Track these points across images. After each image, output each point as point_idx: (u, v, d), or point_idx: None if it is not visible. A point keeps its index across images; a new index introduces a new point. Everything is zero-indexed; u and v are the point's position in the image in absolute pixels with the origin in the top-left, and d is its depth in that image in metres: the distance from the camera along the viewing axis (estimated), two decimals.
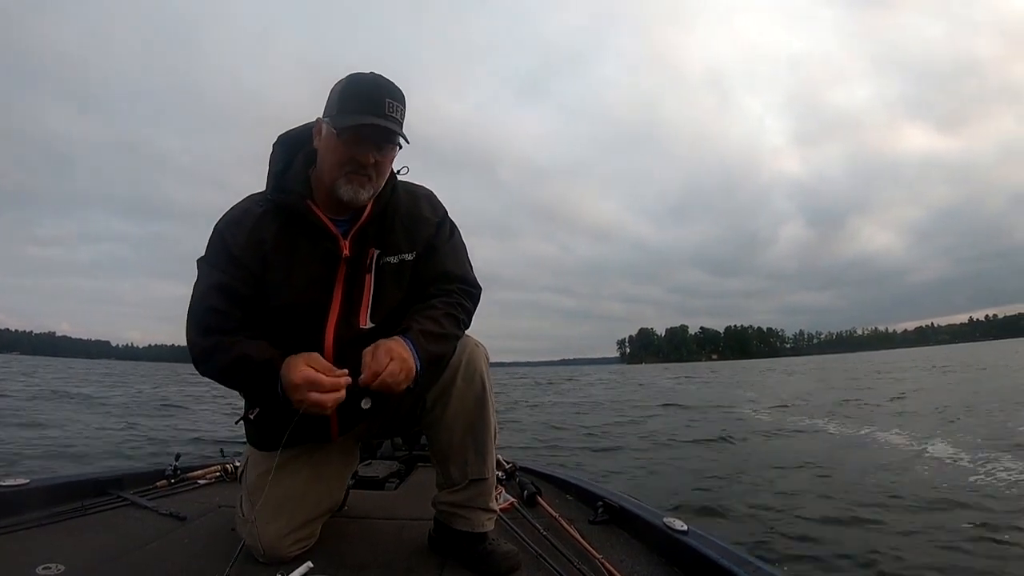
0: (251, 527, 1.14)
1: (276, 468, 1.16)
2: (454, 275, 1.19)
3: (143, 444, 5.60)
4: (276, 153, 1.15)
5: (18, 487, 1.42)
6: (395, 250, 1.14)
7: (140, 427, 6.91)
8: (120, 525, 1.37)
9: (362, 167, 1.05)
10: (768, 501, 3.29)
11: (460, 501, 1.18)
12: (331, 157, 1.07)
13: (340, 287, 1.10)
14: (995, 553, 2.35)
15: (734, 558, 1.07)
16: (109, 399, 11.60)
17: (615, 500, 1.51)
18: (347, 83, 1.06)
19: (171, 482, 1.74)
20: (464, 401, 1.15)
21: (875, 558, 2.32)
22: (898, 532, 2.65)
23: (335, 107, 1.05)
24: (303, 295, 1.09)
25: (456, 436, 1.17)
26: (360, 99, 1.03)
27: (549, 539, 1.30)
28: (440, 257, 1.18)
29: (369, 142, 1.04)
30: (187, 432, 6.53)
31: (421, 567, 1.16)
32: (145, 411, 9.34)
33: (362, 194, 1.07)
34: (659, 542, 1.26)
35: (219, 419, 7.87)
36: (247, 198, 1.17)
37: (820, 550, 2.44)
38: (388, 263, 1.14)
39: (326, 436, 1.19)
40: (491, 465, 1.20)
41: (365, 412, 1.14)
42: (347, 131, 1.03)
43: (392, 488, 1.85)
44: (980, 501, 3.12)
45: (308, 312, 1.09)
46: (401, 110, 1.05)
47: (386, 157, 1.08)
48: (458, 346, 1.16)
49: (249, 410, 1.18)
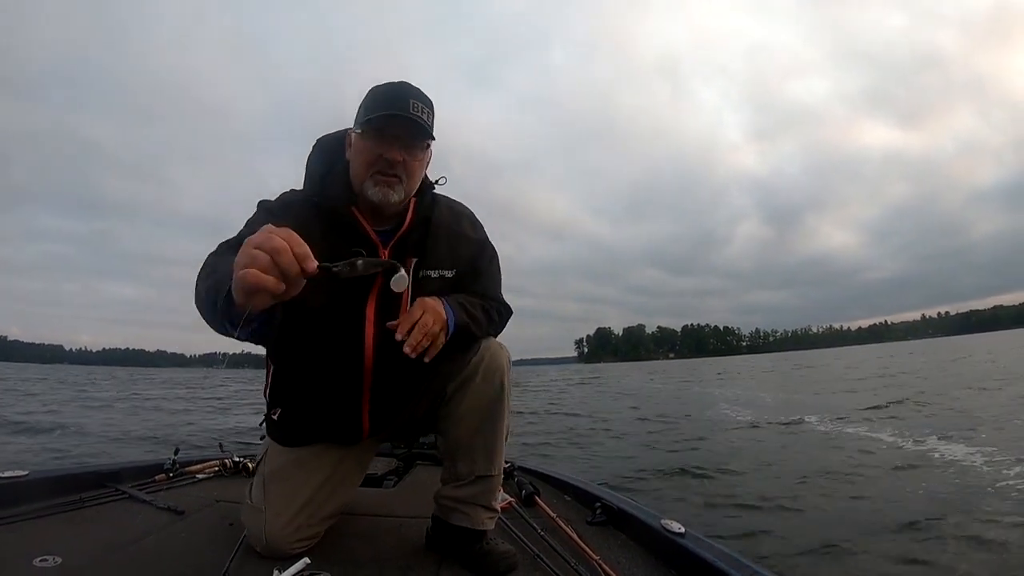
0: (259, 516, 1.15)
1: (295, 463, 1.19)
2: (492, 298, 1.23)
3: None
4: (314, 156, 1.15)
5: (17, 479, 1.42)
6: (435, 264, 1.14)
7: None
8: (118, 518, 1.37)
9: (389, 166, 1.03)
10: (767, 502, 3.30)
11: (463, 496, 1.18)
12: (359, 159, 1.06)
13: (375, 295, 1.10)
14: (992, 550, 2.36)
15: (731, 560, 1.07)
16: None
17: (613, 501, 1.51)
18: (371, 91, 1.06)
19: (170, 476, 1.74)
20: (481, 397, 1.16)
21: (876, 558, 2.32)
22: (900, 531, 2.65)
23: (362, 114, 1.05)
24: (341, 301, 1.08)
25: (468, 431, 1.17)
26: (384, 99, 1.03)
27: (547, 539, 1.30)
28: (483, 280, 1.22)
29: (393, 138, 1.03)
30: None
31: (418, 565, 1.16)
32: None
33: (392, 196, 1.04)
34: (656, 544, 1.26)
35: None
36: (289, 192, 1.15)
37: (819, 550, 2.44)
38: (427, 276, 1.14)
39: (356, 436, 1.20)
40: (499, 464, 1.20)
41: (397, 411, 1.17)
42: (369, 126, 1.03)
43: (390, 486, 1.85)
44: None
45: (346, 318, 1.09)
46: (428, 112, 1.04)
47: (414, 157, 1.06)
48: (482, 344, 1.18)
49: (272, 410, 1.22)
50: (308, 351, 1.12)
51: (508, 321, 1.27)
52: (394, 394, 1.16)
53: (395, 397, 1.17)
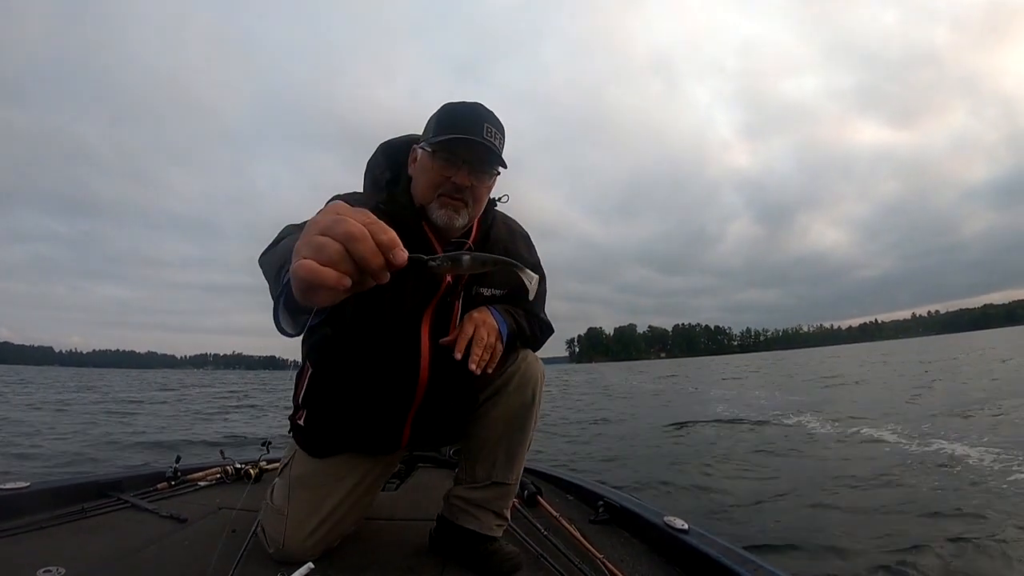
0: (280, 521, 1.14)
1: (323, 471, 1.18)
2: (536, 316, 1.24)
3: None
4: (379, 160, 1.12)
5: (19, 490, 1.42)
6: (489, 283, 1.14)
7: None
8: (121, 527, 1.37)
9: (457, 190, 1.01)
10: (768, 498, 3.30)
11: (476, 499, 1.18)
12: (424, 179, 1.04)
13: (431, 309, 1.09)
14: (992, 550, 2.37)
15: (735, 556, 1.07)
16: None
17: (615, 500, 1.51)
18: (444, 108, 1.03)
19: (171, 484, 1.74)
20: (511, 406, 1.16)
21: (877, 556, 2.33)
22: (902, 532, 2.66)
23: (431, 132, 1.03)
24: (400, 312, 1.07)
25: (493, 436, 1.17)
26: (456, 120, 1.00)
27: (550, 539, 1.30)
28: (531, 303, 1.21)
29: (463, 162, 1.00)
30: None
31: (422, 567, 1.16)
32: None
33: (456, 220, 1.02)
34: (660, 541, 1.26)
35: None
36: (355, 193, 1.12)
37: (821, 548, 2.44)
38: (480, 294, 1.13)
39: (394, 447, 1.19)
40: (517, 474, 1.20)
41: (441, 423, 1.18)
42: (441, 147, 1.00)
43: (393, 489, 1.85)
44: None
45: (403, 330, 1.08)
46: (500, 137, 1.02)
47: (482, 183, 1.04)
48: (519, 355, 1.18)
49: (297, 414, 1.21)
50: (358, 360, 1.10)
51: (547, 340, 1.28)
52: (442, 407, 1.16)
53: (442, 410, 1.17)
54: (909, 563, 2.21)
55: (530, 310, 1.22)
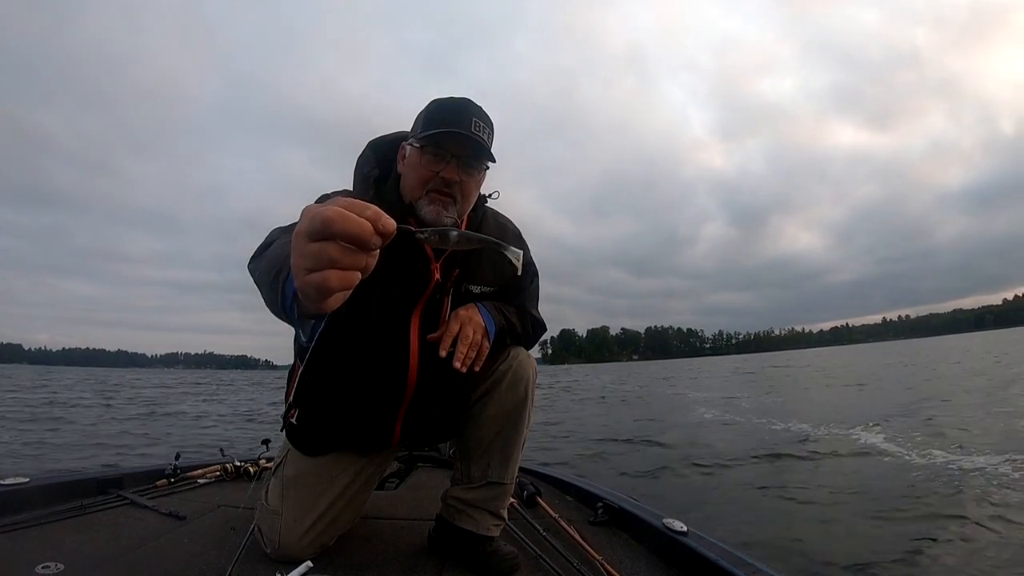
0: (276, 521, 1.14)
1: (316, 470, 1.18)
2: (528, 312, 1.23)
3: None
4: (367, 157, 1.12)
5: (18, 486, 1.42)
6: (479, 280, 1.13)
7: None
8: (120, 524, 1.37)
9: (446, 184, 1.00)
10: (769, 501, 3.30)
11: (472, 500, 1.18)
12: (413, 175, 1.03)
13: (420, 307, 1.09)
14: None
15: (733, 559, 1.07)
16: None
17: (615, 501, 1.51)
18: (432, 104, 1.03)
19: (171, 481, 1.74)
20: (504, 404, 1.16)
21: (876, 557, 2.32)
22: (902, 533, 2.66)
23: (419, 127, 1.02)
24: (389, 309, 1.06)
25: (487, 436, 1.17)
26: (444, 115, 1.00)
27: (549, 540, 1.30)
28: (522, 299, 1.22)
29: (452, 157, 1.00)
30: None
31: (420, 567, 1.16)
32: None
33: (445, 216, 1.01)
34: (659, 543, 1.26)
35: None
36: (343, 192, 1.09)
37: (821, 550, 2.44)
38: (469, 290, 1.13)
39: (385, 445, 1.19)
40: (512, 473, 1.20)
41: (431, 420, 1.17)
42: (429, 142, 1.00)
43: (392, 488, 1.85)
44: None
45: (392, 327, 1.08)
46: (488, 132, 1.02)
47: (472, 179, 1.03)
48: (510, 352, 1.17)
49: (289, 412, 1.21)
50: (348, 358, 1.10)
51: (540, 338, 1.27)
52: (432, 404, 1.16)
53: (432, 407, 1.17)
54: (909, 563, 2.21)
55: (522, 306, 1.21)
